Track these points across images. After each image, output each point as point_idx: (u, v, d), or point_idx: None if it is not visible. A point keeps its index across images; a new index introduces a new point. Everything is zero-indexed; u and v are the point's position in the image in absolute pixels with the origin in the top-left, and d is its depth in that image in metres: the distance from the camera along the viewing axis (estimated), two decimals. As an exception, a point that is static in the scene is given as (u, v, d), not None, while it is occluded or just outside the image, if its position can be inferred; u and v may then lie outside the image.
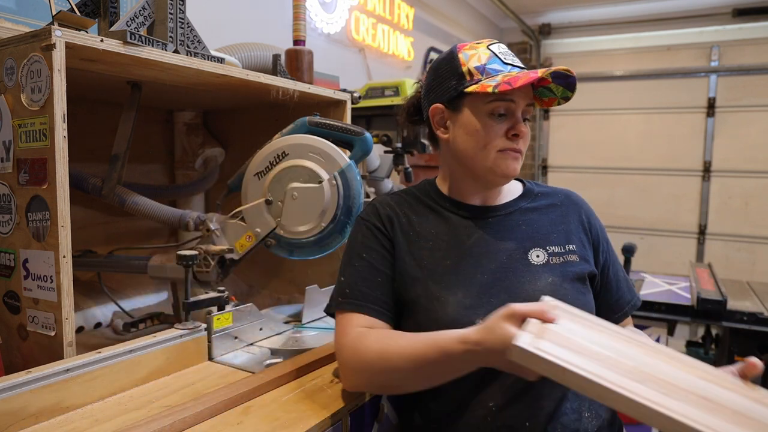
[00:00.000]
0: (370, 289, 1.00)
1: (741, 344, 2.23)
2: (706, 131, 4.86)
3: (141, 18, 1.08)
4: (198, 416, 0.86)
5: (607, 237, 1.12)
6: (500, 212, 1.06)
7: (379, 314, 0.98)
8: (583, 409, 0.95)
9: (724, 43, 4.82)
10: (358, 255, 1.03)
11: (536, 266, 0.99)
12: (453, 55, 1.03)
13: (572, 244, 1.04)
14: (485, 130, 0.99)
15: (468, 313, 0.93)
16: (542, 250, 1.02)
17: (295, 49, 1.63)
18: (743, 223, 4.74)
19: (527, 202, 1.09)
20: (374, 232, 1.04)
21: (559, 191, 1.14)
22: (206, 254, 1.23)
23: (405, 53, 3.99)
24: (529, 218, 1.06)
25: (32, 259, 0.97)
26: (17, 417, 0.81)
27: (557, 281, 0.98)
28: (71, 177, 0.97)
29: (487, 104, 0.98)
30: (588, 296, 1.02)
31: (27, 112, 0.95)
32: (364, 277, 1.01)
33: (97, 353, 0.93)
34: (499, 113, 0.99)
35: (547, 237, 1.03)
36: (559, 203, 1.10)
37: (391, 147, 2.18)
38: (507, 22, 5.50)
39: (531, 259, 1.00)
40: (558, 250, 1.02)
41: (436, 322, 0.93)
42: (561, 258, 1.01)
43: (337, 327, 1.00)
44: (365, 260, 1.02)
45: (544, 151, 5.53)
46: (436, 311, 0.95)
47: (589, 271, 1.03)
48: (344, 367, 0.96)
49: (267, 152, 1.24)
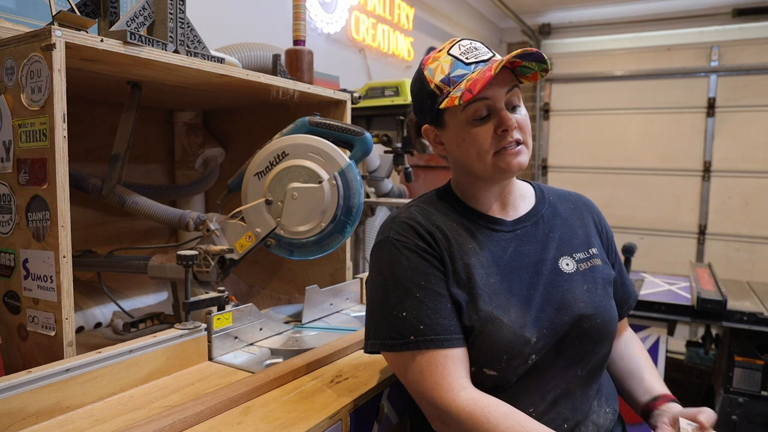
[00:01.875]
0: (448, 319, 0.91)
1: (741, 344, 2.23)
2: (706, 131, 4.85)
3: (141, 18, 1.08)
4: (198, 416, 0.86)
5: (613, 238, 1.15)
6: (527, 223, 1.04)
7: (453, 342, 0.90)
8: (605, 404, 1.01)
9: (724, 43, 4.81)
10: (415, 284, 0.92)
11: (568, 274, 0.99)
12: (421, 74, 1.00)
13: (593, 247, 1.05)
14: (472, 138, 0.95)
15: (523, 332, 0.91)
16: (570, 257, 1.02)
17: (295, 49, 1.63)
18: (743, 223, 4.74)
19: (545, 208, 1.07)
20: (422, 255, 0.94)
21: (569, 194, 1.14)
22: (206, 254, 1.23)
23: (405, 53, 3.99)
24: (553, 225, 1.05)
25: (32, 259, 0.97)
26: (17, 417, 0.81)
27: (591, 288, 1.00)
28: (71, 177, 0.97)
29: (464, 112, 0.95)
30: (612, 299, 1.04)
31: (27, 112, 0.94)
32: (434, 308, 0.91)
33: (97, 353, 0.93)
34: (480, 117, 0.95)
35: (571, 243, 1.04)
36: (573, 207, 1.10)
37: (391, 147, 2.18)
38: (507, 22, 5.50)
39: (562, 268, 1.00)
40: (583, 255, 1.03)
41: (494, 346, 0.90)
42: (587, 263, 1.02)
43: (422, 373, 0.89)
44: (428, 288, 0.92)
45: (544, 151, 5.53)
46: (492, 334, 0.90)
47: (613, 276, 1.06)
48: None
49: (267, 152, 1.24)
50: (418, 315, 0.90)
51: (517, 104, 0.98)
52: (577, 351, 0.97)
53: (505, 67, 0.94)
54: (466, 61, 0.96)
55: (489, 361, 0.90)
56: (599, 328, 0.97)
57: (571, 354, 0.96)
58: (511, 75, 0.97)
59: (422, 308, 0.91)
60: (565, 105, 5.44)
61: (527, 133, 0.98)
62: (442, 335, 0.90)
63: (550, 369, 0.95)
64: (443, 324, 0.90)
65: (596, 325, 0.97)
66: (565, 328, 0.95)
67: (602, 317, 0.98)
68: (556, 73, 5.45)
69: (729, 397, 2.23)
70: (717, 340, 2.80)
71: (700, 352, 3.05)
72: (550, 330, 0.94)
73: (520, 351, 0.90)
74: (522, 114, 0.98)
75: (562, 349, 0.95)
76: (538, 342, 0.92)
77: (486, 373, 0.91)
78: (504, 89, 0.95)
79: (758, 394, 2.20)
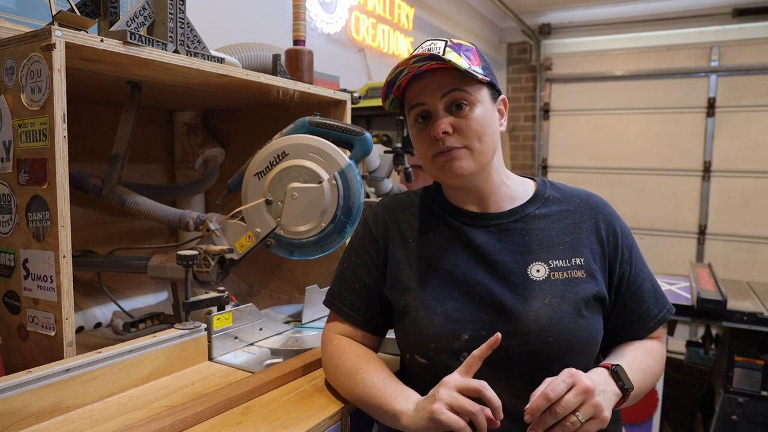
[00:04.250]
0: (348, 293, 1.04)
1: (741, 344, 2.23)
2: (706, 131, 4.85)
3: (141, 18, 1.08)
4: (198, 416, 0.86)
5: (631, 244, 1.02)
6: (503, 220, 0.99)
7: (349, 318, 1.03)
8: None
9: (724, 43, 4.81)
10: (348, 256, 1.08)
11: (535, 282, 0.93)
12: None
13: (580, 257, 0.95)
14: (416, 141, 0.98)
15: (455, 327, 0.91)
16: (544, 264, 0.94)
17: (295, 49, 1.62)
18: (743, 223, 4.74)
19: (536, 207, 1.00)
20: (368, 239, 1.06)
21: (576, 194, 1.03)
22: (206, 254, 1.23)
23: (405, 53, 3.99)
24: (534, 227, 0.98)
25: (32, 259, 0.97)
26: (17, 417, 0.81)
27: (555, 302, 0.91)
28: (71, 177, 0.97)
29: (409, 116, 0.97)
30: (590, 320, 0.93)
31: (27, 112, 0.94)
32: (345, 279, 1.06)
33: (97, 353, 0.93)
34: (420, 122, 0.96)
35: (552, 249, 0.96)
36: (572, 209, 1.00)
37: (391, 147, 2.18)
38: (507, 22, 5.50)
39: (530, 274, 0.93)
40: (562, 264, 0.94)
41: (422, 332, 0.94)
42: (564, 273, 0.94)
43: (327, 322, 1.09)
44: (351, 264, 1.06)
45: (544, 151, 5.53)
46: (423, 322, 0.94)
47: (596, 293, 0.94)
48: (323, 365, 1.04)
49: (267, 152, 1.24)
50: (336, 279, 1.08)
51: (465, 103, 0.92)
52: (524, 368, 0.89)
53: (444, 69, 0.92)
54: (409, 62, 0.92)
55: (418, 347, 0.95)
56: (550, 346, 0.89)
57: (517, 370, 0.89)
58: (456, 76, 0.92)
59: (340, 276, 1.07)
60: (565, 105, 5.44)
61: (474, 137, 0.92)
62: (338, 303, 1.05)
63: (493, 380, 0.82)
64: (343, 296, 1.05)
65: (546, 343, 0.89)
66: (510, 339, 0.88)
67: (557, 335, 0.89)
68: (556, 73, 5.45)
69: (729, 397, 2.23)
70: (717, 340, 2.80)
71: (700, 352, 3.05)
72: (490, 335, 0.84)
73: (448, 344, 0.91)
74: (471, 116, 0.92)
75: (507, 362, 0.89)
76: (471, 341, 0.89)
77: (417, 360, 0.96)
78: (439, 92, 0.92)
79: (758, 394, 2.20)
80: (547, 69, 5.47)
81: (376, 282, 1.03)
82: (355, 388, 0.93)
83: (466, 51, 0.95)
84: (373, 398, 0.89)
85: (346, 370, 0.96)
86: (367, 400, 0.91)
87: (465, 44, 0.96)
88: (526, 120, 5.57)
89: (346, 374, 0.95)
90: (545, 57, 5.52)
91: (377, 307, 1.03)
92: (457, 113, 0.93)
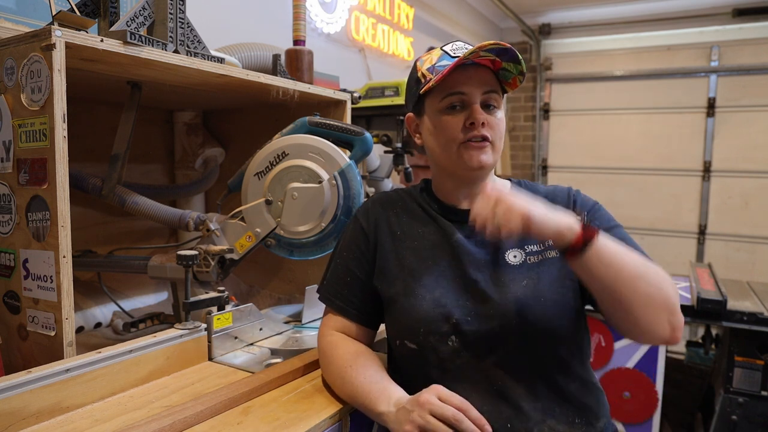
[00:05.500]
0: (340, 287, 1.08)
1: (741, 344, 2.23)
2: (706, 131, 4.85)
3: (141, 18, 1.08)
4: (198, 416, 0.86)
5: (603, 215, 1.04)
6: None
7: (343, 311, 1.07)
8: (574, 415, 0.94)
9: (724, 43, 4.81)
10: (340, 252, 1.11)
11: (513, 267, 0.98)
12: (414, 65, 1.06)
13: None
14: (443, 126, 1.00)
15: (443, 311, 0.96)
16: (519, 250, 1.00)
17: (295, 49, 1.63)
18: (743, 223, 4.74)
19: None
20: (359, 233, 1.09)
21: (550, 188, 1.10)
22: (206, 254, 1.23)
23: (405, 53, 3.99)
24: None
25: (32, 259, 0.97)
26: (17, 417, 0.81)
27: (532, 284, 0.96)
28: (71, 177, 0.97)
29: (441, 102, 1.00)
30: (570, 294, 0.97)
31: (27, 112, 0.95)
32: (338, 274, 1.09)
33: (97, 353, 0.93)
34: (452, 106, 0.99)
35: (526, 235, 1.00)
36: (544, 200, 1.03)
37: (391, 147, 2.18)
38: (507, 22, 5.50)
39: (508, 260, 0.99)
40: (536, 248, 1.00)
41: (411, 317, 0.98)
42: (539, 256, 0.99)
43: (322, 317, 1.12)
44: (343, 258, 1.09)
45: (544, 151, 5.53)
46: (413, 307, 0.98)
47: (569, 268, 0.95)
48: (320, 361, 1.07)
49: (267, 152, 1.24)
50: (327, 274, 1.11)
51: (494, 106, 1.00)
52: (509, 348, 0.94)
53: (487, 68, 0.99)
54: (452, 54, 1.00)
55: (408, 332, 0.98)
56: (531, 326, 0.93)
57: (503, 351, 0.94)
58: (492, 78, 1.00)
59: (332, 271, 1.10)
60: (565, 105, 5.44)
61: (498, 136, 1.00)
62: (331, 297, 1.09)
63: (480, 362, 0.93)
64: (336, 290, 1.08)
65: (526, 323, 0.93)
66: (494, 321, 0.93)
67: (536, 315, 0.94)
68: (556, 73, 5.45)
69: (729, 397, 2.23)
70: (717, 340, 2.80)
71: (700, 352, 3.05)
72: (476, 319, 0.94)
73: (437, 327, 0.95)
74: (497, 117, 1.00)
75: (493, 345, 0.94)
76: (459, 325, 0.94)
77: (407, 346, 0.99)
78: (481, 89, 0.99)
79: (758, 394, 2.20)
80: (547, 69, 5.47)
81: (368, 274, 1.07)
82: (344, 387, 0.97)
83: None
84: (359, 398, 0.94)
85: (336, 368, 1.00)
86: (354, 400, 0.95)
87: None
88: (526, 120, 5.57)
89: (337, 372, 0.99)
90: (545, 57, 5.52)
91: (370, 299, 1.07)
92: (489, 111, 1.00)
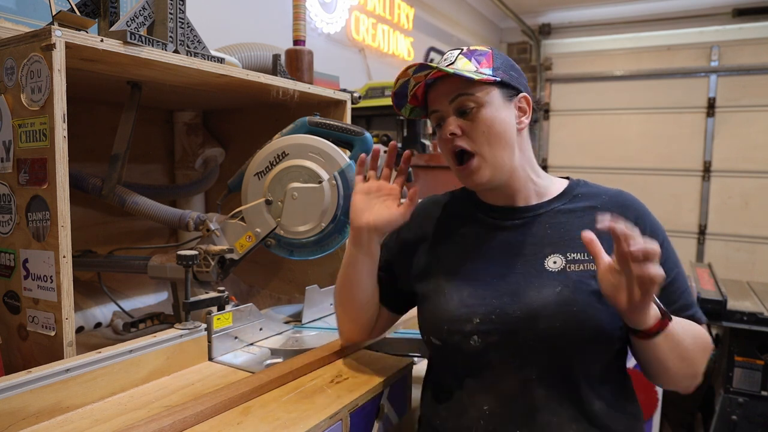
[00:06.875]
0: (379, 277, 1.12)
1: (741, 344, 2.23)
2: (706, 131, 4.86)
3: (141, 18, 1.08)
4: (198, 416, 0.86)
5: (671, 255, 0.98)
6: (528, 213, 1.02)
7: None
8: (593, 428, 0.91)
9: (724, 43, 4.82)
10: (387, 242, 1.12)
11: (549, 272, 0.95)
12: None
13: None
14: (440, 147, 1.03)
15: (467, 311, 0.95)
16: (561, 256, 0.96)
17: (295, 49, 1.63)
18: (743, 223, 4.74)
19: (562, 203, 1.02)
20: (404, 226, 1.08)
21: (606, 192, 1.04)
22: (206, 254, 1.23)
23: (405, 53, 3.99)
24: (558, 221, 1.00)
25: (32, 259, 0.97)
26: (17, 417, 0.81)
27: (567, 291, 0.92)
28: (71, 177, 0.97)
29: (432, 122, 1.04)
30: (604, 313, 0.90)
31: (27, 112, 0.94)
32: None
33: (97, 353, 0.93)
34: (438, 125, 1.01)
35: (571, 242, 0.96)
36: (599, 205, 1.01)
37: (391, 147, 2.18)
38: (507, 22, 5.50)
39: (547, 265, 0.95)
40: (579, 257, 0.95)
41: (437, 315, 0.99)
42: (581, 266, 0.94)
43: None
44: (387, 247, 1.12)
45: (544, 151, 5.53)
46: (439, 306, 0.99)
47: None
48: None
49: (267, 152, 1.24)
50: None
51: (471, 108, 0.95)
52: (533, 354, 0.92)
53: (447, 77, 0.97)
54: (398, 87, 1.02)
55: (433, 329, 1.00)
56: (558, 333, 0.90)
57: (527, 356, 0.92)
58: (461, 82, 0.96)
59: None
60: (565, 105, 5.44)
61: (484, 140, 0.95)
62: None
63: (502, 364, 0.93)
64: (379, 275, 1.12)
65: (554, 328, 0.90)
66: (518, 324, 0.91)
67: (565, 323, 0.90)
68: (556, 73, 5.45)
69: (729, 397, 2.23)
70: (717, 340, 2.79)
71: (700, 352, 3.05)
72: (500, 319, 0.92)
73: (460, 326, 0.95)
74: (480, 117, 0.95)
75: (517, 347, 0.92)
76: (482, 324, 0.93)
77: (432, 342, 1.01)
78: (447, 99, 0.97)
79: (758, 394, 2.20)
80: (547, 69, 5.48)
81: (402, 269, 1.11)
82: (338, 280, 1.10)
83: (479, 55, 0.99)
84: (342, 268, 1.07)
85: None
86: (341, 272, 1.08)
87: (480, 49, 1.00)
88: (526, 120, 5.57)
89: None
90: (545, 57, 5.53)
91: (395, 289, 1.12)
92: (465, 116, 0.97)
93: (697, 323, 0.97)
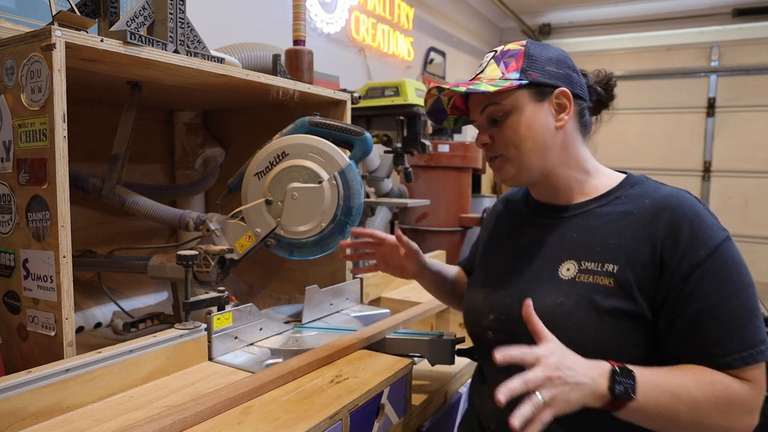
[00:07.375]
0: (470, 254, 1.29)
1: (741, 344, 2.23)
2: (706, 131, 4.86)
3: (141, 18, 1.08)
4: (198, 416, 0.86)
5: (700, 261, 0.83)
6: (564, 214, 0.99)
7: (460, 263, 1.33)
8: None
9: (724, 43, 4.82)
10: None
11: (559, 280, 0.91)
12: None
13: (615, 264, 0.87)
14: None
15: (485, 307, 1.02)
16: (575, 263, 0.91)
17: (295, 49, 1.63)
18: (743, 223, 4.74)
19: (602, 203, 0.96)
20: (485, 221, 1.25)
21: (653, 194, 0.92)
22: (206, 254, 1.23)
23: (405, 53, 3.99)
24: (587, 224, 0.95)
25: (32, 259, 0.97)
26: (17, 417, 0.81)
27: (568, 305, 0.88)
28: (71, 177, 0.97)
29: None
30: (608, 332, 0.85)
31: (27, 112, 0.95)
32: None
33: (97, 353, 0.93)
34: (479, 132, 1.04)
35: (590, 249, 0.91)
36: (636, 211, 0.91)
37: (391, 147, 2.18)
38: (507, 22, 5.50)
39: (560, 272, 0.92)
40: (592, 267, 0.89)
41: (467, 306, 1.10)
42: (591, 277, 0.88)
43: None
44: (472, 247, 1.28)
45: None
46: (470, 297, 1.09)
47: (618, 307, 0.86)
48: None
49: (267, 152, 1.24)
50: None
51: (501, 117, 0.97)
52: None
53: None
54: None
55: (465, 318, 1.11)
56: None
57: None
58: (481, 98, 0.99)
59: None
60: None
61: (512, 144, 0.96)
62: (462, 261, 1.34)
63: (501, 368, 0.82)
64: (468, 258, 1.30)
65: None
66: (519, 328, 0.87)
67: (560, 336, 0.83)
68: (556, 73, 5.45)
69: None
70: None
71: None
72: (508, 319, 0.97)
73: (480, 319, 1.03)
74: (505, 125, 0.97)
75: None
76: (495, 322, 1.00)
77: (466, 329, 1.11)
78: (478, 110, 1.01)
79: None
80: (547, 69, 5.47)
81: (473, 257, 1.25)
82: None
83: (509, 57, 0.97)
84: None
85: None
86: None
87: (513, 49, 0.98)
88: (526, 120, 5.57)
89: None
90: (545, 57, 5.52)
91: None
92: (496, 124, 0.99)
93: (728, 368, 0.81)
